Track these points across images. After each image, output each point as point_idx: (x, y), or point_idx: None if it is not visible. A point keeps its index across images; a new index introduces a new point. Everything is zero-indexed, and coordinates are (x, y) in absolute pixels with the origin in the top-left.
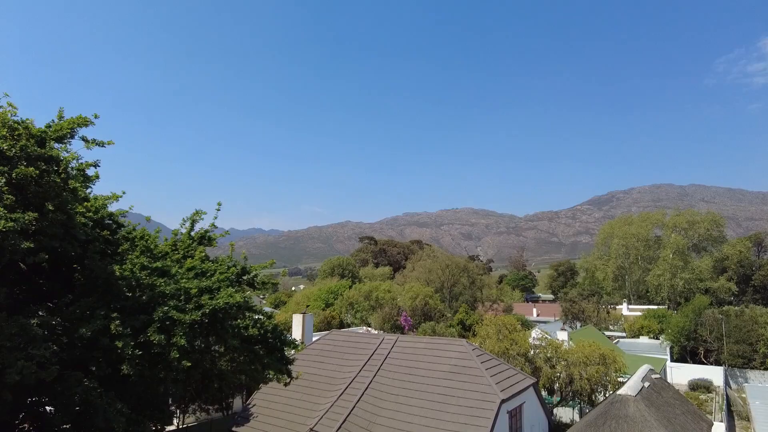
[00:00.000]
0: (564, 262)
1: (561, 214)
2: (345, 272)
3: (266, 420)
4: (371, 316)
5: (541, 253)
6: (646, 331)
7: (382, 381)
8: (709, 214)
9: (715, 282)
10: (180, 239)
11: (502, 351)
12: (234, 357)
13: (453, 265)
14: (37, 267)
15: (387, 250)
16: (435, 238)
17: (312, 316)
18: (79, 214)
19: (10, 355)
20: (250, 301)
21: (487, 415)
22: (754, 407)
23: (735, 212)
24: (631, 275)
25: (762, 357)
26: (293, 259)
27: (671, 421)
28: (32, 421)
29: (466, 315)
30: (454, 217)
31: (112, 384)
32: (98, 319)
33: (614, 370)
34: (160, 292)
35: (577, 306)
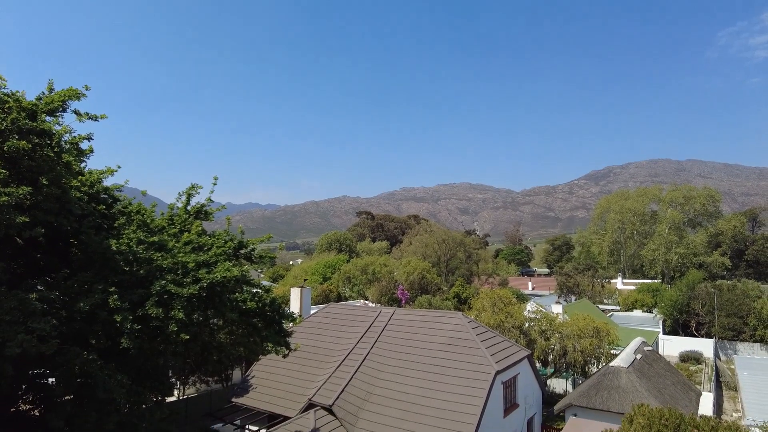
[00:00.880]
0: (560, 237)
1: (558, 189)
2: (342, 247)
3: (265, 391)
4: (368, 289)
5: (537, 228)
6: (640, 305)
7: (379, 353)
8: (706, 189)
9: (709, 257)
10: (176, 213)
11: (498, 323)
12: (232, 330)
13: (449, 239)
14: (34, 241)
15: (384, 224)
16: (432, 212)
17: (310, 289)
18: (74, 188)
19: (10, 329)
20: (247, 275)
21: (482, 385)
22: (741, 378)
23: (731, 187)
24: (626, 250)
25: (752, 330)
26: (290, 234)
27: (661, 392)
28: (35, 392)
29: (462, 288)
30: (451, 191)
31: (112, 357)
32: (96, 294)
33: (607, 342)
34: (157, 266)
35: (572, 280)
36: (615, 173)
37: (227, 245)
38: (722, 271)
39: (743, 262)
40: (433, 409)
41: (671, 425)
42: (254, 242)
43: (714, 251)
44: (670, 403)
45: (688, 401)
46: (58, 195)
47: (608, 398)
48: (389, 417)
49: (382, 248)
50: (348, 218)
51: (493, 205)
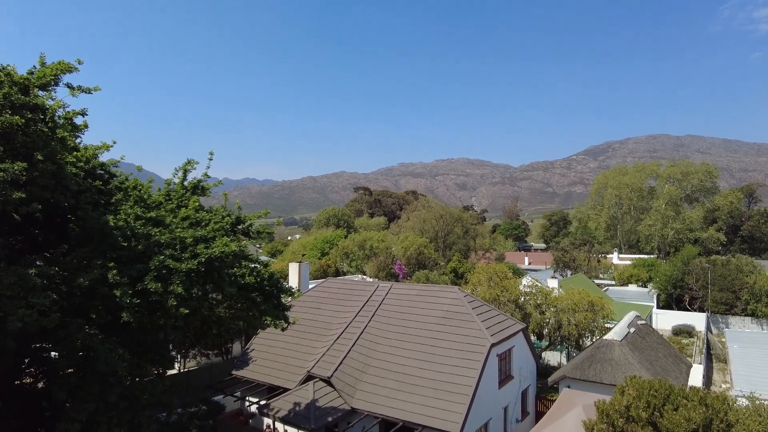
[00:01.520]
0: (557, 212)
1: (556, 164)
2: (340, 222)
3: (265, 363)
4: (366, 264)
5: (535, 203)
6: (635, 280)
7: (376, 326)
8: (704, 165)
9: (705, 232)
10: (173, 189)
11: (493, 298)
12: (232, 304)
13: (447, 215)
14: (31, 217)
15: (382, 200)
16: (430, 188)
17: (308, 264)
18: (70, 164)
19: (10, 304)
20: (245, 250)
21: (477, 358)
22: (731, 350)
23: (729, 163)
24: (623, 225)
25: (744, 304)
26: (288, 209)
27: (653, 364)
28: (38, 365)
29: (459, 263)
30: (450, 167)
31: (113, 331)
32: (95, 269)
33: (602, 316)
34: (155, 241)
35: (568, 255)
36: (614, 149)
37: (225, 221)
38: (717, 247)
39: (738, 238)
40: (430, 381)
41: (661, 396)
42: (252, 218)
43: (710, 227)
44: (661, 374)
45: (679, 373)
46: (53, 171)
47: (601, 370)
48: (386, 388)
49: (379, 224)
50: (346, 194)
51: (491, 181)
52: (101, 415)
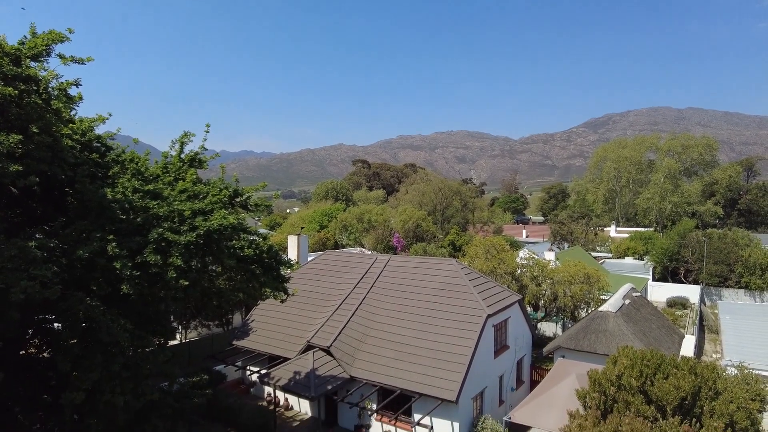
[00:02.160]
0: (556, 185)
1: (556, 137)
2: (339, 195)
3: (265, 334)
4: (365, 237)
5: (534, 176)
6: (632, 252)
7: (375, 297)
8: (704, 138)
9: (703, 206)
10: (170, 162)
11: (490, 270)
12: (231, 276)
13: (446, 188)
14: (29, 190)
15: (380, 173)
16: (429, 161)
17: (307, 237)
18: (66, 136)
19: (12, 276)
20: (244, 222)
21: (473, 328)
22: (723, 322)
23: (730, 136)
24: (621, 198)
25: (738, 277)
26: (287, 182)
27: (647, 335)
28: (42, 336)
29: (457, 236)
30: (449, 140)
31: (114, 302)
32: (94, 241)
33: (598, 288)
34: (153, 214)
35: (566, 228)
36: (614, 121)
37: (222, 193)
38: (714, 220)
39: (735, 211)
40: (427, 350)
41: (652, 365)
42: (249, 190)
43: (708, 200)
44: (654, 345)
45: (672, 343)
46: (49, 143)
47: (595, 341)
48: (384, 357)
49: (378, 197)
50: (344, 167)
51: (490, 153)
52: (105, 384)
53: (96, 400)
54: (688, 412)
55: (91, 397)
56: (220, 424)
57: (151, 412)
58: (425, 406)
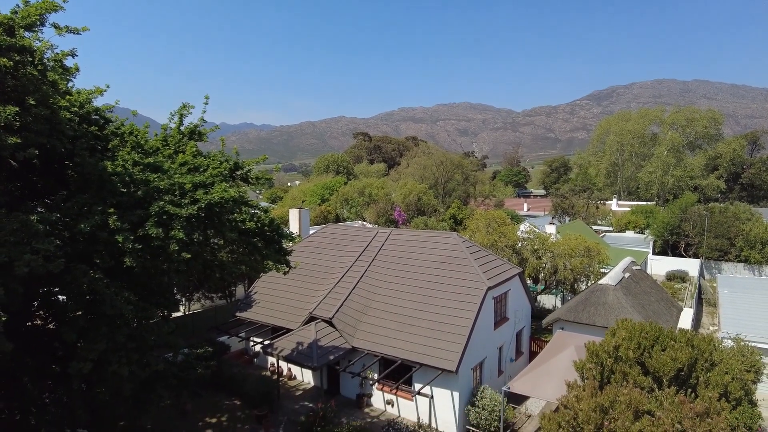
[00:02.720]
0: (558, 158)
1: (559, 109)
2: (340, 169)
3: (268, 306)
4: (366, 211)
5: (536, 149)
6: (633, 226)
7: (376, 270)
8: (709, 111)
9: (705, 180)
10: (170, 134)
11: (491, 243)
12: (233, 249)
13: (447, 161)
14: (29, 164)
15: (382, 146)
16: (430, 134)
17: (308, 210)
18: (63, 109)
19: (15, 249)
20: (245, 195)
21: (474, 300)
22: (722, 295)
23: (735, 109)
24: (623, 172)
25: (738, 251)
26: (287, 155)
27: (645, 308)
28: (47, 308)
29: (458, 210)
30: (451, 112)
31: (118, 275)
32: (96, 215)
33: (598, 261)
34: (154, 187)
35: (567, 201)
36: (618, 93)
37: (223, 166)
38: (716, 194)
39: (738, 185)
40: (428, 322)
41: (650, 338)
42: (250, 163)
43: (710, 174)
44: (653, 318)
45: (670, 316)
46: (47, 116)
47: (594, 313)
48: (386, 329)
49: (379, 170)
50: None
51: (493, 126)
52: (111, 355)
53: (103, 370)
54: (684, 382)
55: (98, 367)
56: (225, 394)
57: (156, 382)
58: (426, 375)
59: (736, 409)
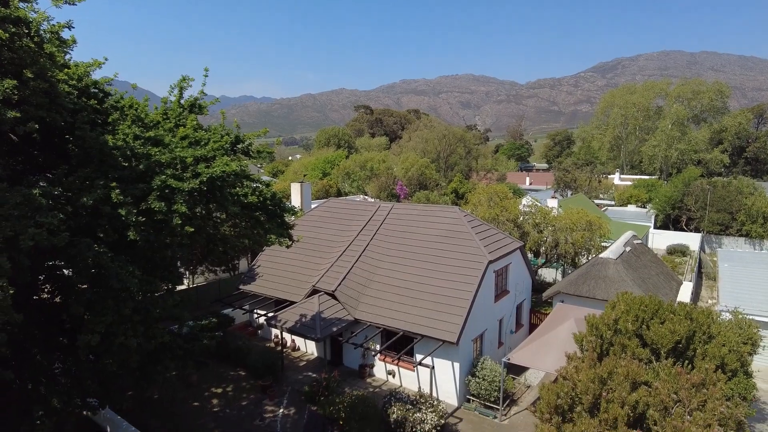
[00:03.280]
0: (561, 132)
1: (563, 82)
2: (341, 142)
3: (271, 279)
4: (368, 185)
5: (539, 122)
6: (635, 200)
7: (378, 244)
8: (716, 83)
9: (709, 153)
10: (170, 108)
11: (493, 217)
12: (236, 223)
13: (450, 135)
14: (29, 138)
15: (383, 119)
16: (433, 106)
17: (310, 185)
18: (62, 82)
19: (19, 223)
20: (246, 169)
21: (475, 274)
22: (722, 269)
23: (743, 82)
24: (626, 145)
25: (739, 225)
26: (288, 128)
27: (645, 281)
28: (53, 282)
29: (460, 184)
30: (453, 84)
31: (122, 249)
32: (98, 189)
33: (599, 235)
34: (155, 161)
35: (570, 175)
36: (624, 65)
37: (224, 140)
38: (720, 168)
39: (742, 159)
40: (429, 295)
41: (649, 311)
42: (251, 137)
43: (715, 148)
44: (652, 291)
45: (669, 290)
46: (46, 89)
47: (595, 287)
48: (388, 301)
49: (381, 144)
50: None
51: (496, 99)
52: (117, 327)
53: (110, 342)
54: (682, 354)
55: (105, 340)
56: (230, 365)
57: (162, 353)
58: (427, 347)
59: (731, 380)
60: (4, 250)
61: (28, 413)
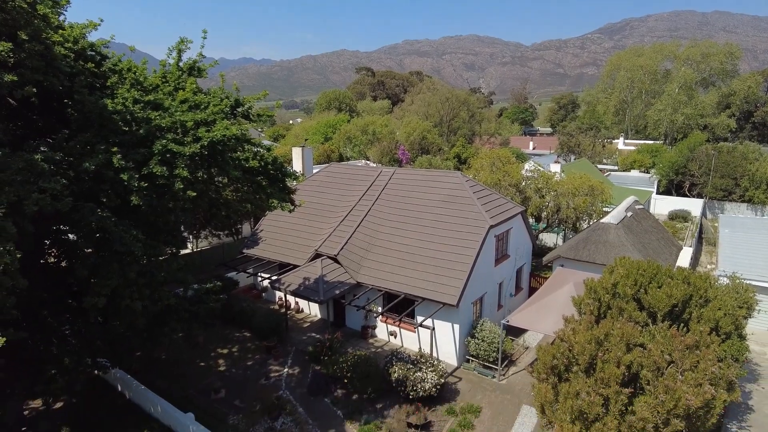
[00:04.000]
0: (566, 95)
1: (569, 43)
2: (342, 106)
3: (274, 243)
4: (369, 149)
5: (544, 85)
6: (638, 165)
7: (380, 209)
8: (727, 45)
9: (716, 118)
10: (169, 71)
11: (495, 182)
12: (238, 187)
13: (453, 98)
14: (27, 102)
15: (385, 82)
16: (436, 68)
17: (311, 149)
18: (57, 44)
19: (23, 188)
20: (247, 133)
21: (476, 238)
22: (722, 234)
23: (755, 44)
24: (632, 109)
25: (743, 190)
26: (288, 91)
27: (646, 246)
28: (58, 246)
29: (462, 149)
30: (457, 45)
31: (125, 214)
32: (99, 154)
33: (601, 200)
34: (156, 125)
35: (573, 140)
36: (632, 26)
37: (224, 103)
38: (726, 133)
39: (749, 124)
40: (430, 259)
41: (648, 275)
42: (251, 100)
43: (722, 113)
44: (652, 256)
45: (669, 255)
46: (41, 51)
47: (595, 251)
48: (389, 265)
49: (383, 107)
50: (347, 75)
51: (500, 61)
52: (123, 290)
53: (116, 304)
54: (678, 318)
55: (111, 302)
56: (235, 326)
57: (168, 315)
58: (428, 309)
59: (725, 342)
60: (8, 215)
61: (42, 372)
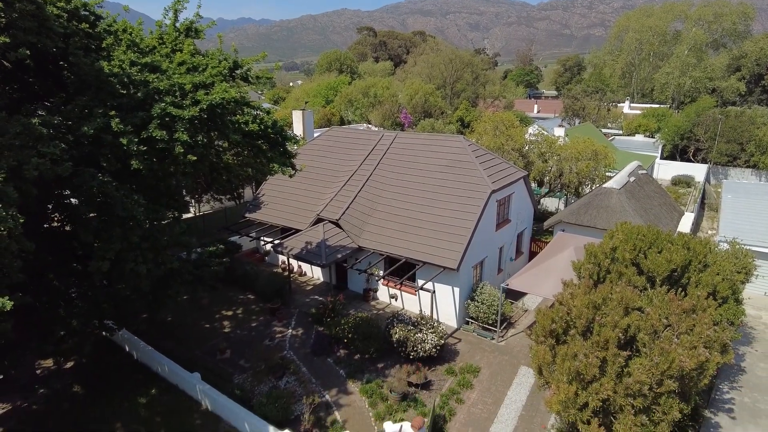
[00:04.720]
0: (572, 57)
1: (577, 3)
2: (343, 67)
3: (276, 207)
4: (371, 113)
5: (550, 47)
6: (643, 130)
7: (382, 173)
8: (740, 5)
9: (725, 81)
10: (165, 32)
11: (498, 146)
12: (239, 152)
13: (457, 59)
14: (22, 65)
15: (387, 42)
16: (440, 28)
17: (312, 112)
18: (49, 3)
19: (22, 153)
20: (246, 96)
21: (477, 203)
22: (725, 200)
23: None
24: (639, 72)
25: (748, 156)
26: (288, 52)
27: (647, 211)
28: (61, 211)
29: (465, 112)
30: (462, 4)
31: (126, 178)
32: (97, 118)
33: (604, 165)
34: (154, 88)
35: (578, 103)
36: None
37: (222, 65)
38: (735, 97)
39: (759, 88)
40: (431, 223)
41: (647, 240)
42: (249, 62)
43: (732, 76)
44: (654, 221)
45: (670, 220)
46: (33, 11)
47: (596, 216)
48: (391, 230)
49: (385, 69)
50: (348, 35)
51: (506, 21)
52: (127, 254)
53: (121, 268)
54: (676, 282)
55: (116, 266)
56: (239, 289)
57: (172, 278)
58: (428, 273)
59: (722, 306)
60: (9, 179)
61: (52, 334)
